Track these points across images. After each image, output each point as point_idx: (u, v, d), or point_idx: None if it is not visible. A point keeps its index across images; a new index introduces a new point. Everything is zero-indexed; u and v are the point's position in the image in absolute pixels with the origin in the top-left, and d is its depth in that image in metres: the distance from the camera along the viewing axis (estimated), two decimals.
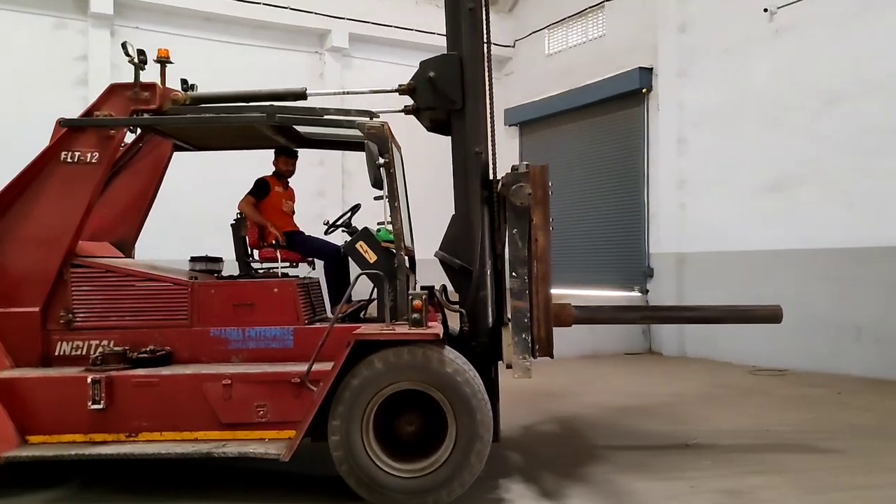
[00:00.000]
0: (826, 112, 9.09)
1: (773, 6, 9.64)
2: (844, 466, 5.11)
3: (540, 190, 4.68)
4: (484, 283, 4.80)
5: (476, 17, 4.90)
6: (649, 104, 11.65)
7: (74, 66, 10.95)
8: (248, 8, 11.97)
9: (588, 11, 12.93)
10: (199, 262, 5.38)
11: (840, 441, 5.76)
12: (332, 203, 12.34)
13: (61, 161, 4.67)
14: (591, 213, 12.62)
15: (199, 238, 7.94)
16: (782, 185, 9.60)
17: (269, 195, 5.87)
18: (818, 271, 9.10)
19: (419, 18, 13.24)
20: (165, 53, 4.99)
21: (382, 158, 4.55)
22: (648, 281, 11.51)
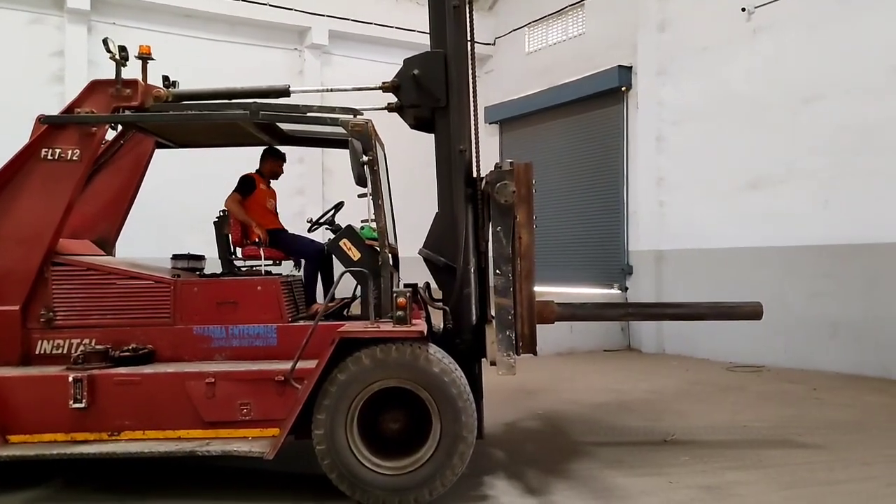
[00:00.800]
0: (803, 111, 9.23)
1: (751, 6, 9.76)
2: (822, 461, 5.20)
3: (524, 188, 4.72)
4: (468, 280, 4.82)
5: (461, 14, 4.92)
6: (629, 102, 11.74)
7: (50, 62, 10.82)
8: (227, 4, 11.89)
9: (568, 10, 13.00)
10: (181, 260, 5.36)
11: (817, 436, 5.86)
12: (312, 201, 12.30)
13: (41, 158, 4.62)
14: (570, 211, 12.69)
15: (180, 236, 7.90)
16: (760, 183, 9.73)
17: (254, 192, 5.84)
18: (795, 268, 9.24)
19: (400, 15, 13.24)
20: (147, 50, 4.95)
21: (366, 156, 4.55)
22: (628, 278, 11.61)
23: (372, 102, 5.07)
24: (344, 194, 5.68)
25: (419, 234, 5.00)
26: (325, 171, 12.82)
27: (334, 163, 12.34)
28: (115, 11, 11.20)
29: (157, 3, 11.39)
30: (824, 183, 8.98)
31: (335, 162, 12.21)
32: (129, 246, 6.01)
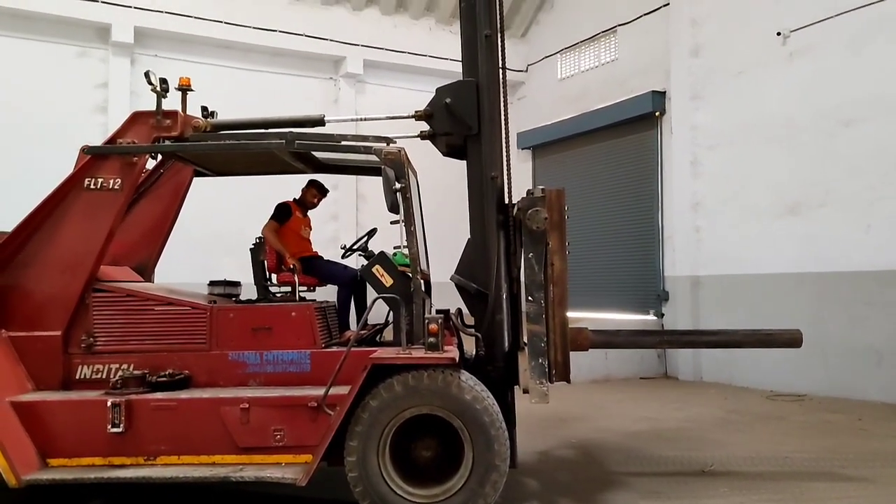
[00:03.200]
0: (841, 134, 9.09)
1: (786, 30, 9.68)
2: (867, 495, 5.04)
3: (556, 214, 4.71)
4: (500, 306, 4.81)
5: (492, 44, 4.97)
6: (662, 127, 11.69)
7: (95, 93, 11.16)
8: (265, 36, 12.16)
9: (600, 36, 13.04)
10: (217, 286, 5.44)
11: (862, 469, 5.69)
12: (346, 226, 12.43)
13: (84, 188, 4.75)
14: (605, 236, 12.62)
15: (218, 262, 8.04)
16: (798, 208, 9.58)
17: (290, 219, 5.95)
18: (835, 295, 9.04)
19: (433, 44, 13.42)
20: (187, 82, 5.08)
21: (399, 184, 4.59)
22: (664, 304, 11.46)
23: (405, 130, 5.12)
24: (377, 220, 5.74)
25: (451, 260, 5.02)
26: (358, 197, 12.95)
27: (368, 189, 12.47)
28: (157, 44, 11.52)
29: (198, 36, 11.69)
30: (865, 207, 8.80)
31: (369, 188, 12.35)
32: (167, 272, 6.13)
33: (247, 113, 5.30)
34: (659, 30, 11.70)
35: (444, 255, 5.99)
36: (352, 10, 13.06)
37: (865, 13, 8.76)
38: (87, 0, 10.85)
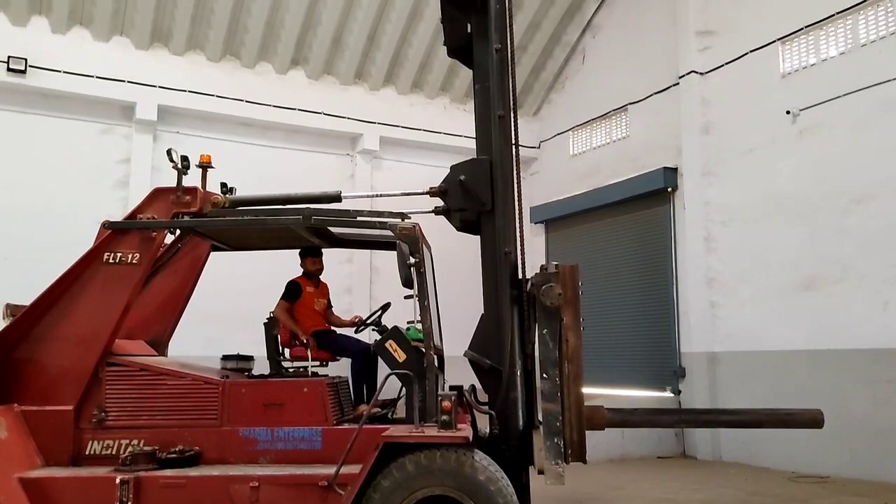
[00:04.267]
0: (854, 211, 9.10)
1: (796, 108, 9.82)
2: None
3: (570, 290, 4.71)
4: (514, 384, 4.77)
5: (505, 123, 5.09)
6: (675, 203, 11.76)
7: (117, 168, 11.42)
8: (283, 114, 12.49)
9: (612, 114, 13.29)
10: (230, 361, 5.44)
11: None
12: (360, 300, 12.44)
13: (104, 262, 4.83)
14: (620, 312, 12.54)
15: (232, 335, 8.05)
16: (814, 284, 9.51)
17: (301, 297, 5.98)
18: (857, 373, 8.87)
19: (447, 122, 13.71)
20: (207, 159, 5.22)
21: (413, 259, 4.64)
22: (680, 381, 11.28)
23: (420, 205, 5.20)
24: (391, 293, 5.76)
25: (465, 335, 5.00)
26: (373, 271, 13.01)
27: (382, 262, 12.53)
28: (179, 121, 11.86)
29: (219, 114, 12.03)
30: (881, 284, 8.73)
31: (383, 261, 12.40)
32: (182, 345, 6.14)
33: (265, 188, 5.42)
34: (670, 108, 11.91)
35: (457, 329, 5.97)
36: (369, 90, 13.43)
37: (872, 93, 8.91)
38: (114, 80, 11.22)
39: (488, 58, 5.08)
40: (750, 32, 10.57)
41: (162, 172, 8.79)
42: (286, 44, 12.35)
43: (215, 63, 12.11)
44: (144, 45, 11.54)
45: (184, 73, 11.81)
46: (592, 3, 13.63)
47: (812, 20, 9.68)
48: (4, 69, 10.47)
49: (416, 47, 13.14)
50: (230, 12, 11.66)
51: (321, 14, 12.23)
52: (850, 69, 9.22)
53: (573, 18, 13.81)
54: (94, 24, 11.16)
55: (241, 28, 12.03)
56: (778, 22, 10.14)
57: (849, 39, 9.32)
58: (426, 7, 12.40)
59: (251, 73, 12.42)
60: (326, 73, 13.04)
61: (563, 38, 14.06)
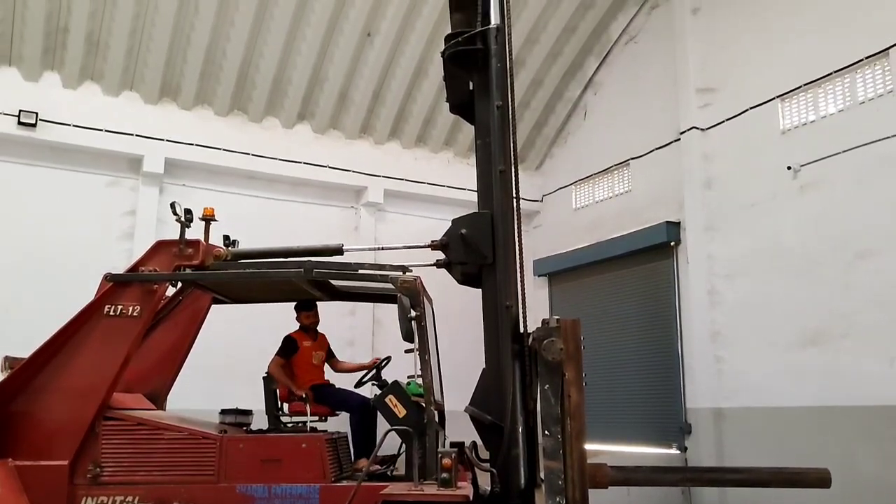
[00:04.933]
0: (857, 266, 9.08)
1: (796, 164, 9.88)
2: None
3: (572, 344, 4.68)
4: (515, 440, 4.69)
5: (506, 178, 5.13)
6: (678, 257, 11.75)
7: (122, 220, 11.49)
8: (289, 167, 12.63)
9: (614, 168, 13.40)
10: (228, 415, 5.39)
11: None
12: (362, 352, 12.30)
13: (104, 314, 4.82)
14: (623, 366, 12.41)
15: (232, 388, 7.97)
16: (819, 339, 9.43)
17: (297, 352, 5.95)
18: (863, 430, 8.72)
19: (450, 175, 13.84)
20: (210, 212, 5.26)
21: (414, 312, 4.63)
22: (686, 437, 11.09)
23: (421, 258, 5.21)
24: (394, 346, 5.73)
25: (466, 390, 4.94)
26: (375, 323, 12.95)
27: (384, 315, 12.49)
28: (185, 174, 11.98)
29: (225, 167, 12.16)
30: (887, 339, 8.64)
31: (385, 314, 12.36)
32: (181, 398, 6.08)
33: (270, 239, 5.46)
34: (671, 163, 12.01)
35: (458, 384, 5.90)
36: (374, 144, 13.60)
37: (872, 149, 8.97)
38: (123, 134, 11.40)
39: (490, 114, 5.15)
40: (749, 89, 10.72)
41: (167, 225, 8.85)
42: (293, 99, 12.56)
43: (223, 117, 12.31)
44: (154, 99, 11.75)
45: (192, 126, 11.99)
46: (594, 60, 13.88)
47: (810, 78, 9.82)
48: (15, 123, 10.65)
49: (420, 103, 13.36)
50: (238, 68, 11.91)
51: (328, 70, 12.48)
52: (849, 126, 9.32)
53: (575, 76, 14.05)
54: (104, 79, 11.39)
55: (248, 83, 12.26)
56: (777, 79, 10.29)
57: (847, 97, 9.44)
58: (430, 64, 12.65)
59: (258, 128, 12.61)
60: (332, 128, 13.24)
61: (564, 94, 14.29)
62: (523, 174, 6.53)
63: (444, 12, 9.90)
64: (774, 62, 10.42)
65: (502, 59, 5.18)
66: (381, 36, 12.22)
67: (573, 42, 13.48)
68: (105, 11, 10.77)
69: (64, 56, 11.01)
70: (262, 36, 11.75)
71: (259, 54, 11.94)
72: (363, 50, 12.41)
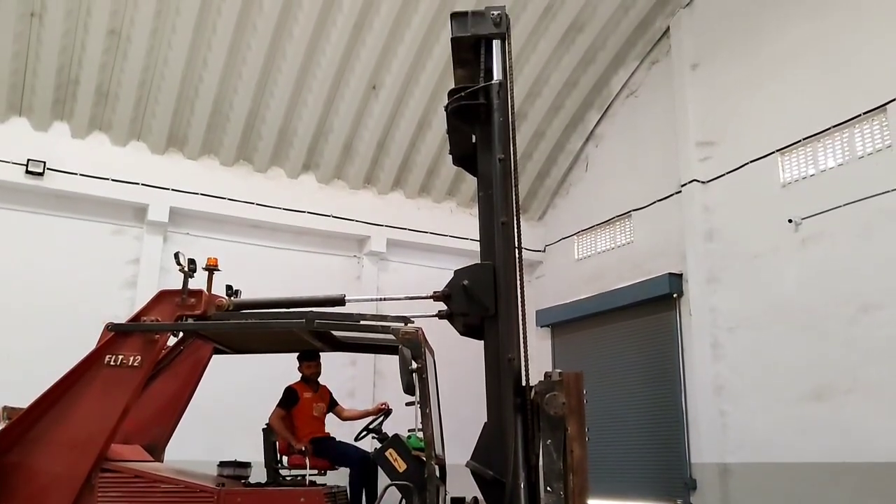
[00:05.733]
0: (861, 320, 9.04)
1: (797, 217, 9.93)
2: None
3: (574, 398, 4.62)
4: (517, 496, 4.60)
5: (508, 229, 5.13)
6: (681, 309, 11.73)
7: (125, 268, 11.54)
8: (293, 216, 12.73)
9: (615, 220, 13.47)
10: (227, 468, 5.30)
11: None
12: (362, 404, 12.14)
13: (105, 364, 4.78)
14: (626, 420, 12.27)
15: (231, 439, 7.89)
16: (825, 394, 9.33)
17: (298, 403, 5.90)
18: (872, 487, 8.56)
19: (453, 225, 13.92)
20: (214, 262, 5.27)
21: (415, 364, 4.59)
22: (691, 493, 10.89)
23: (423, 308, 5.19)
24: (394, 398, 5.68)
25: (468, 443, 4.87)
26: (376, 374, 12.87)
27: (385, 366, 12.41)
28: (189, 223, 12.07)
29: (229, 216, 12.26)
30: (893, 395, 8.55)
31: (386, 365, 12.29)
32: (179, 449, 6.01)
33: (273, 288, 5.47)
34: (673, 215, 12.08)
35: (460, 437, 5.84)
36: (377, 194, 13.72)
37: (872, 203, 9.03)
38: (129, 183, 11.52)
39: (492, 167, 5.19)
40: (749, 143, 10.85)
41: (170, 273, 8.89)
42: (298, 150, 12.73)
43: (228, 167, 12.46)
44: (160, 149, 11.91)
45: (197, 176, 12.13)
46: (595, 113, 14.09)
47: (809, 132, 9.95)
48: (23, 171, 10.78)
49: (423, 154, 13.52)
50: (245, 119, 12.10)
51: (333, 122, 12.67)
52: (848, 180, 9.40)
53: (576, 128, 14.25)
54: (113, 129, 11.56)
55: (254, 134, 12.44)
56: (776, 133, 10.42)
57: (846, 151, 9.54)
58: (434, 116, 12.84)
59: (263, 178, 12.75)
60: (336, 178, 13.38)
61: (566, 146, 14.46)
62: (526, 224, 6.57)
63: (447, 66, 10.07)
64: (773, 116, 10.56)
65: (504, 114, 5.24)
66: (386, 89, 12.44)
67: (574, 95, 13.71)
68: (115, 64, 11.00)
69: (73, 107, 11.21)
70: (268, 88, 11.97)
71: (265, 106, 12.14)
72: (368, 102, 12.62)
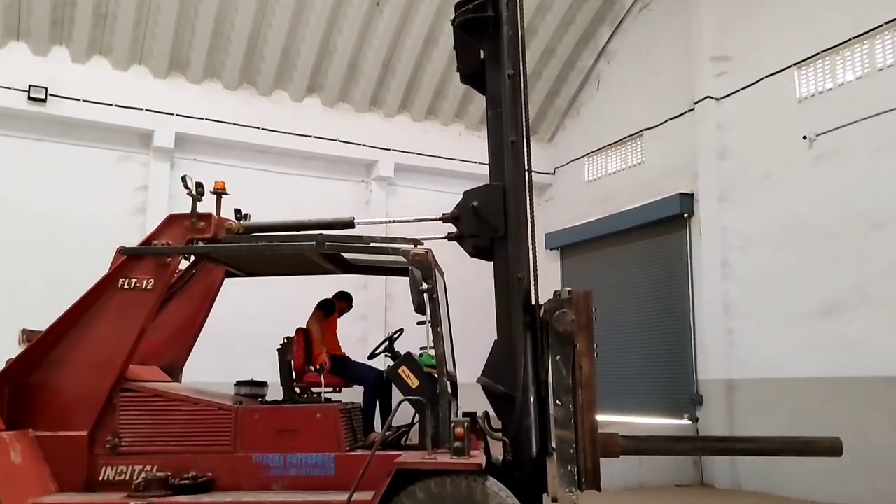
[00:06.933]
0: (873, 236, 9.00)
1: (812, 133, 9.77)
2: None
3: (583, 316, 4.68)
4: (527, 410, 4.72)
5: (518, 149, 5.09)
6: (691, 229, 11.69)
7: (134, 195, 11.56)
8: (299, 141, 12.61)
9: (627, 140, 13.29)
10: (244, 387, 5.43)
11: None
12: (374, 326, 12.44)
13: (119, 287, 4.86)
14: (636, 338, 12.43)
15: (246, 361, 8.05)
16: (833, 310, 9.38)
17: (332, 316, 6.04)
18: (877, 401, 8.71)
19: (461, 148, 13.77)
20: (222, 186, 5.26)
21: (426, 284, 4.63)
22: (698, 408, 11.13)
23: (433, 231, 5.20)
24: (406, 320, 5.76)
25: (478, 361, 4.97)
26: (387, 298, 13.01)
27: (397, 289, 12.54)
28: (196, 148, 12.00)
29: (235, 141, 12.17)
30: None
31: (398, 288, 12.41)
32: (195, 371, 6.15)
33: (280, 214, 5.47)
34: (685, 133, 11.90)
35: (471, 356, 5.94)
36: (384, 117, 13.54)
37: (890, 118, 8.85)
38: (133, 108, 11.40)
39: (501, 84, 5.10)
40: (765, 58, 10.57)
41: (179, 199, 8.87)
42: (302, 72, 12.50)
43: (232, 91, 12.28)
44: (162, 73, 11.73)
45: (201, 101, 11.98)
46: (607, 29, 13.71)
47: (828, 45, 9.66)
48: (25, 98, 10.67)
49: (430, 74, 13.26)
50: (247, 41, 11.84)
51: (336, 42, 12.39)
52: (867, 94, 9.18)
53: (587, 44, 13.89)
54: (113, 53, 11.36)
55: (257, 56, 12.20)
56: (794, 47, 10.13)
57: (865, 64, 9.28)
58: (441, 34, 12.53)
59: (267, 101, 12.58)
60: (342, 101, 13.18)
61: (577, 64, 14.14)
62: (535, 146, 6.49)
63: None
64: (791, 29, 10.25)
65: (514, 27, 5.11)
66: (391, 5, 12.11)
67: (586, 10, 13.31)
68: None
69: (72, 30, 10.98)
70: (269, 6, 11.67)
71: (267, 25, 11.86)
72: (372, 20, 12.31)
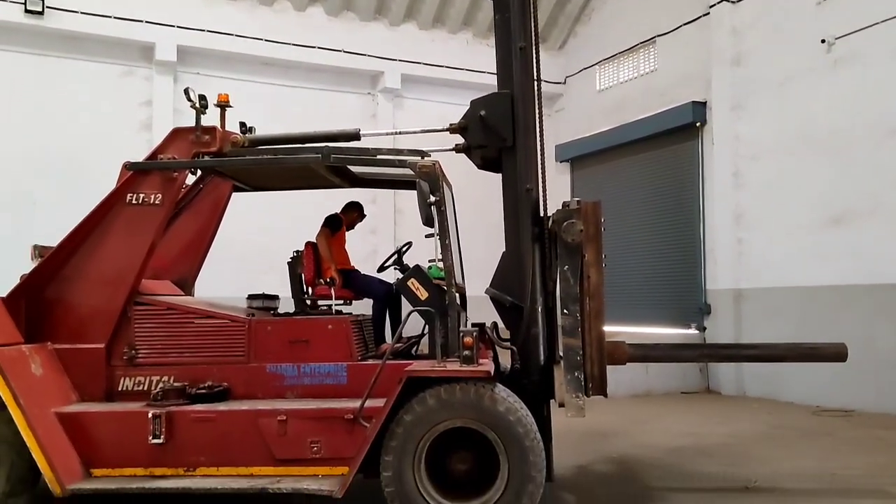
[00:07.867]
0: (888, 144, 8.85)
1: (831, 37, 9.46)
2: None
3: (592, 226, 4.67)
4: (535, 320, 4.78)
5: (527, 55, 4.96)
6: (703, 138, 11.52)
7: (139, 111, 11.44)
8: (304, 52, 12.34)
9: (639, 47, 12.93)
10: (256, 300, 5.51)
11: None
12: (384, 240, 12.49)
13: (126, 203, 4.87)
14: (645, 249, 12.46)
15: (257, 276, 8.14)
16: (844, 219, 9.33)
17: (339, 231, 6.05)
18: (884, 308, 8.77)
19: (469, 58, 13.43)
20: (225, 98, 5.18)
21: (433, 197, 4.61)
22: (705, 318, 11.25)
23: (441, 143, 5.14)
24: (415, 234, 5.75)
25: (486, 274, 5.00)
26: (396, 212, 13.02)
27: (405, 203, 12.52)
28: (199, 62, 11.78)
29: (238, 53, 11.92)
30: None
31: (406, 202, 12.39)
32: (207, 286, 6.23)
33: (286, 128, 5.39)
34: (699, 40, 11.56)
35: (479, 268, 5.97)
36: (389, 26, 13.19)
37: None
38: (133, 20, 11.14)
39: None
40: None
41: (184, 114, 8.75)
42: None
43: (233, 1, 11.94)
44: None
45: (202, 12, 11.68)
46: None
47: None
48: (22, 10, 10.43)
49: None
50: None
51: None
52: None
53: None
54: None
55: None
56: None
57: None
58: None
59: (269, 11, 12.25)
60: (346, 10, 12.83)
61: None
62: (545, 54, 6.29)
63: None
64: None
65: None
66: None
67: None
68: None
69: None
70: None
71: None
72: None
